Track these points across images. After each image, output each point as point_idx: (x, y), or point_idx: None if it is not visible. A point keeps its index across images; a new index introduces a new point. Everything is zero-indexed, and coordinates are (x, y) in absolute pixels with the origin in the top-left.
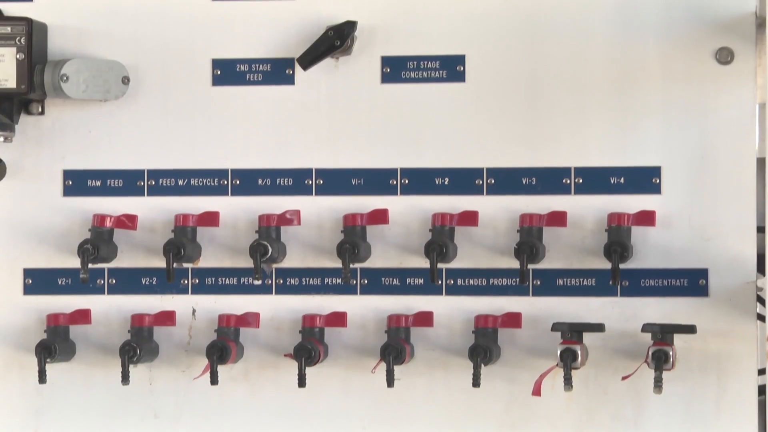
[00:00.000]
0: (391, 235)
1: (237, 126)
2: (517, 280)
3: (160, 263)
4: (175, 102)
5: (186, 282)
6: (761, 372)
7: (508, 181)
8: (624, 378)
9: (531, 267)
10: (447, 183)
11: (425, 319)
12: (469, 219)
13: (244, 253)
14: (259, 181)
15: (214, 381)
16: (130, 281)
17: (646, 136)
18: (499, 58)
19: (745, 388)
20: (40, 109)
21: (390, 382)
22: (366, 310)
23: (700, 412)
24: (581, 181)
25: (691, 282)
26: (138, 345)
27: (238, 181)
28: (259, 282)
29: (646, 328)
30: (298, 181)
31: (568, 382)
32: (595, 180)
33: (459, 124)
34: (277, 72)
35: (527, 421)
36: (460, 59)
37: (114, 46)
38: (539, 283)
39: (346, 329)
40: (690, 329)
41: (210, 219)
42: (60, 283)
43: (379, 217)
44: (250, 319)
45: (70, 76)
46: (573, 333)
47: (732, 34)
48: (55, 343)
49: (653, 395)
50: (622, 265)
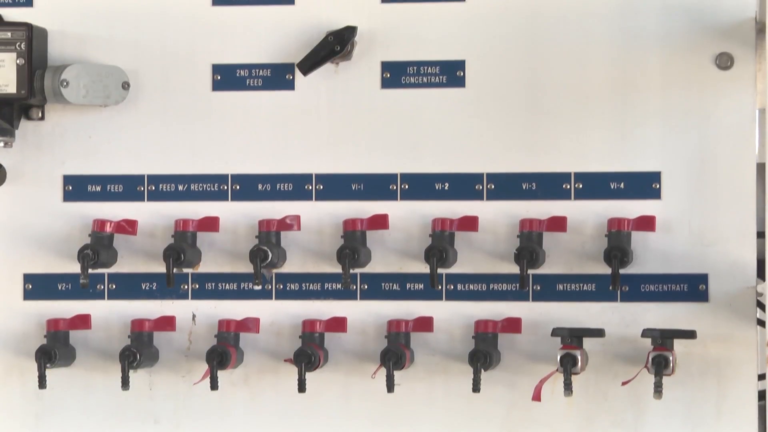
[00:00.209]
0: (391, 240)
1: (237, 131)
2: (517, 285)
3: (160, 268)
4: (175, 107)
5: (186, 287)
6: (761, 377)
7: (508, 186)
8: (624, 383)
9: (531, 272)
10: (447, 188)
11: (425, 324)
12: (469, 224)
13: (244, 258)
14: (259, 187)
15: (214, 386)
16: (130, 286)
17: (646, 142)
18: (499, 63)
19: (745, 393)
20: (41, 115)
21: (390, 387)
22: (366, 315)
23: (700, 418)
24: (581, 186)
25: (691, 287)
26: (138, 350)
27: (238, 187)
28: (259, 287)
29: (646, 333)
30: (298, 186)
31: (568, 387)
32: (595, 185)
33: (459, 130)
34: (277, 77)
35: (527, 426)
36: (460, 64)
37: (114, 52)
38: (539, 288)
39: (346, 334)
40: (690, 334)
41: (210, 224)
42: (60, 288)
43: (379, 222)
44: (250, 325)
45: (70, 81)
46: (573, 338)
47: (732, 39)
48: (55, 349)
49: (653, 400)
50: (622, 271)
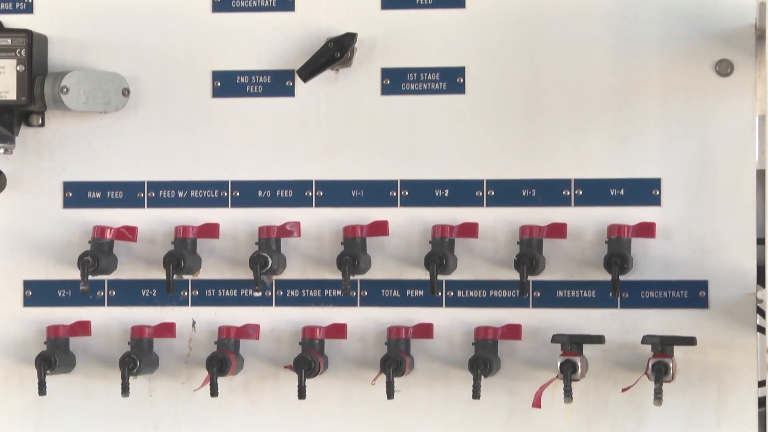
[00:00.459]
0: (391, 246)
1: (237, 138)
2: (517, 291)
3: (160, 275)
4: (175, 114)
5: (186, 294)
6: (761, 384)
7: (508, 192)
8: (624, 390)
9: (531, 279)
10: (447, 195)
11: (425, 330)
12: (469, 231)
13: (244, 264)
14: (259, 193)
15: (214, 393)
16: (130, 293)
17: (646, 148)
18: (499, 69)
19: (745, 400)
20: (41, 121)
21: (390, 393)
22: (366, 321)
23: (700, 424)
24: (581, 192)
25: (691, 294)
26: (138, 357)
27: (238, 193)
28: (259, 294)
29: (646, 339)
30: (298, 192)
31: (568, 393)
32: (595, 192)
33: (459, 136)
34: (277, 84)
35: None
36: (460, 71)
37: (114, 58)
38: (539, 294)
39: (346, 341)
40: (690, 341)
41: (210, 231)
42: (60, 294)
43: (379, 228)
44: (250, 331)
45: (70, 88)
46: (573, 345)
47: (732, 46)
48: (55, 355)
49: (653, 407)
50: (622, 277)
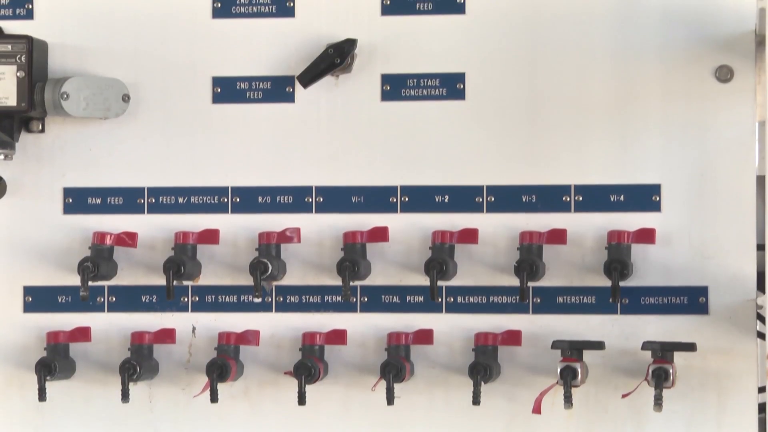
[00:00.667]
0: (391, 252)
1: (237, 144)
2: (517, 297)
3: (160, 281)
4: (175, 120)
5: (186, 300)
6: (761, 390)
7: (508, 198)
8: (624, 396)
9: (531, 285)
10: (447, 201)
11: (425, 336)
12: (469, 237)
13: (244, 270)
14: (259, 199)
15: (214, 399)
16: (130, 299)
17: (645, 154)
18: (499, 75)
19: (745, 406)
20: (41, 127)
21: (390, 399)
22: (366, 327)
23: (700, 430)
24: (581, 198)
25: (691, 300)
26: (138, 363)
27: (238, 199)
28: (259, 300)
29: (646, 345)
30: (298, 198)
31: (569, 400)
32: (595, 198)
33: (459, 142)
34: (277, 90)
35: None
36: (460, 77)
37: (114, 64)
38: (539, 300)
39: (346, 347)
40: (690, 347)
41: (210, 237)
42: (60, 300)
43: (379, 234)
44: (250, 337)
45: (70, 93)
46: (573, 351)
47: (731, 52)
48: (55, 361)
49: (653, 413)
50: (622, 283)
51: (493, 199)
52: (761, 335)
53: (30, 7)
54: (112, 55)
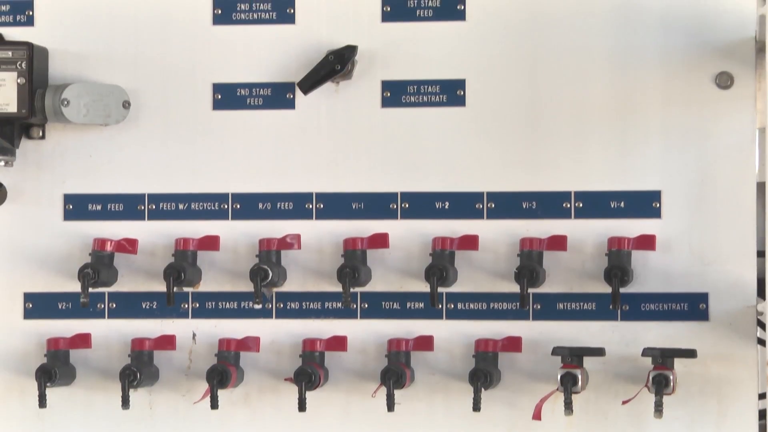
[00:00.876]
0: (392, 259)
1: (237, 150)
2: (518, 304)
3: (161, 287)
4: (175, 126)
5: (186, 306)
6: (762, 396)
7: (508, 205)
8: (624, 402)
9: (531, 291)
10: (447, 207)
11: (425, 343)
12: (470, 243)
13: (244, 277)
14: (260, 205)
15: (215, 405)
16: (130, 305)
17: (646, 161)
18: (500, 82)
19: (745, 413)
20: (41, 134)
21: (390, 406)
22: (366, 334)
23: None
24: (581, 205)
25: (691, 306)
26: (138, 369)
27: (239, 205)
28: (260, 306)
29: (647, 352)
30: (298, 205)
31: (569, 406)
32: (596, 204)
33: (459, 148)
34: (277, 96)
35: None
36: (461, 83)
37: (115, 71)
38: (539, 307)
39: (347, 353)
40: (690, 353)
41: (210, 243)
42: (60, 307)
43: (380, 241)
44: (251, 344)
45: (70, 100)
46: (573, 357)
47: (732, 58)
48: (55, 368)
49: (654, 420)
50: (623, 290)
51: (493, 205)
52: (761, 342)
53: (30, 13)
54: (112, 62)
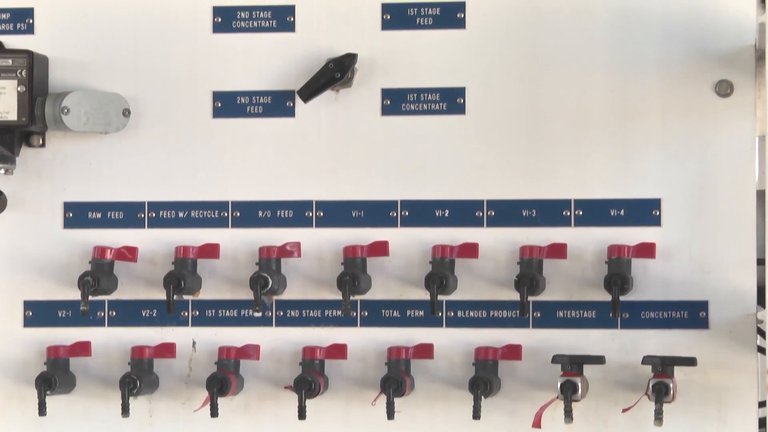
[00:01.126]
0: (392, 267)
1: (237, 158)
2: (518, 312)
3: (161, 295)
4: (175, 134)
5: (186, 314)
6: (762, 404)
7: (508, 213)
8: (624, 410)
9: (531, 299)
10: (447, 215)
11: (425, 351)
12: (470, 251)
13: (244, 285)
14: (260, 213)
15: (215, 413)
16: (130, 313)
17: (646, 169)
18: (500, 90)
19: (745, 421)
20: (41, 142)
21: (390, 414)
22: (366, 342)
23: None
24: (581, 213)
25: (691, 314)
26: (138, 377)
27: (239, 213)
28: (260, 314)
29: (647, 360)
30: (298, 213)
31: (569, 414)
32: (595, 212)
33: (459, 156)
34: (277, 104)
35: None
36: (461, 91)
37: (115, 79)
38: (539, 315)
39: (347, 361)
40: (690, 361)
41: (210, 251)
42: (60, 315)
43: (380, 249)
44: (251, 351)
45: (70, 108)
46: (573, 365)
47: (731, 66)
48: (55, 376)
49: (654, 428)
50: (623, 297)
51: (493, 213)
52: (761, 350)
53: (31, 21)
54: (112, 70)
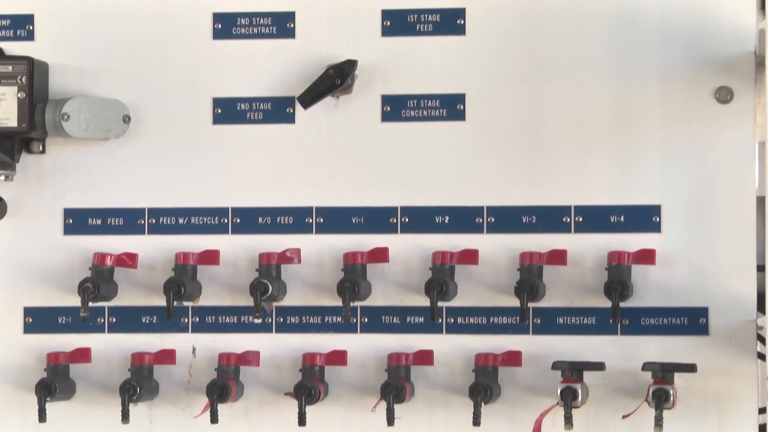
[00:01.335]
0: (392, 273)
1: (237, 164)
2: (518, 318)
3: (161, 302)
4: (175, 140)
5: (186, 320)
6: (762, 411)
7: (508, 219)
8: (624, 417)
9: (531, 305)
10: (447, 221)
11: (425, 357)
12: (470, 257)
13: (244, 291)
14: (260, 220)
15: (215, 420)
16: (130, 320)
17: (646, 175)
18: (500, 96)
19: (745, 427)
20: (41, 148)
21: (390, 420)
22: (366, 348)
23: None
24: (581, 219)
25: (691, 320)
26: (138, 383)
27: (239, 220)
28: (260, 320)
29: (647, 366)
30: (298, 219)
31: (569, 420)
32: (595, 218)
33: (459, 163)
34: (277, 110)
35: None
36: (460, 98)
37: (115, 85)
38: (539, 321)
39: (347, 368)
40: (690, 368)
41: (210, 257)
42: (60, 321)
43: (380, 255)
44: (251, 358)
45: (71, 114)
46: (573, 371)
47: (731, 73)
48: (55, 382)
49: None
50: (623, 304)
51: (493, 219)
52: (761, 356)
53: (31, 28)
54: (112, 76)
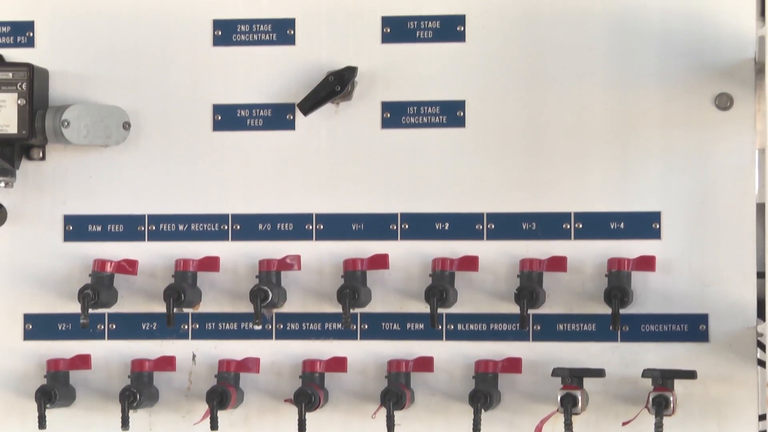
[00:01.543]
0: (392, 280)
1: (237, 171)
2: (518, 325)
3: (161, 308)
4: (175, 147)
5: (186, 327)
6: (762, 417)
7: (508, 226)
8: (624, 423)
9: (531, 312)
10: (447, 228)
11: (425, 364)
12: (470, 264)
13: (244, 298)
14: (260, 226)
15: (215, 426)
16: (130, 326)
17: (645, 182)
18: (499, 103)
19: None
20: (41, 155)
21: (390, 427)
22: (366, 355)
23: None
24: (581, 226)
25: (691, 327)
26: (138, 390)
27: (239, 226)
28: (260, 327)
29: (647, 373)
30: (298, 226)
31: (569, 427)
32: (595, 225)
33: (459, 169)
34: (277, 117)
35: None
36: (460, 104)
37: (115, 92)
38: (539, 328)
39: (347, 374)
40: (690, 374)
41: (210, 264)
42: (60, 328)
43: (380, 262)
44: (251, 365)
45: (71, 121)
46: (573, 378)
47: (731, 79)
48: (55, 389)
49: None
50: (623, 310)
51: (493, 226)
52: (761, 363)
53: (31, 35)
54: (112, 83)
